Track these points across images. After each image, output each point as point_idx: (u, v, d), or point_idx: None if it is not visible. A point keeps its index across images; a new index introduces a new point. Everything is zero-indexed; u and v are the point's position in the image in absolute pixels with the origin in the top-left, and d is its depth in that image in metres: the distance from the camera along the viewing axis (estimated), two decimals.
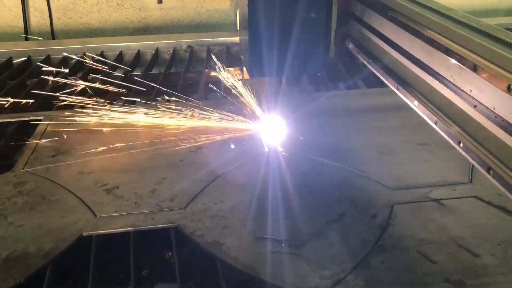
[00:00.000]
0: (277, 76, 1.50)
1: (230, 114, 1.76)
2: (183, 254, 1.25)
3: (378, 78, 1.59)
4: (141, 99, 1.90)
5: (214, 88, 1.95)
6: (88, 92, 1.97)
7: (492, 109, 0.94)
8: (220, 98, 1.98)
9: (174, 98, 1.83)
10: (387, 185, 1.49)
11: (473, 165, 1.58)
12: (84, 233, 1.29)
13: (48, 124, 1.84)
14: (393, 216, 1.36)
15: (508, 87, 0.86)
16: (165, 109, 1.77)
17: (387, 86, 1.52)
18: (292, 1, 1.39)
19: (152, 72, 2.44)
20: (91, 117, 1.77)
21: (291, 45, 1.43)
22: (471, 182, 1.51)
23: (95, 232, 1.30)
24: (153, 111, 1.79)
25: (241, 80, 1.99)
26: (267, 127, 1.70)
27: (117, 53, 2.55)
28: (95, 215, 1.36)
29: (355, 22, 1.75)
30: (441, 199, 1.43)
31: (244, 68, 2.20)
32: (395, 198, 1.43)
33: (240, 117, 1.75)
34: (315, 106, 2.00)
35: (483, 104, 0.97)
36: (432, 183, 1.50)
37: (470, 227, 1.32)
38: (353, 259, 1.20)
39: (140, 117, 1.77)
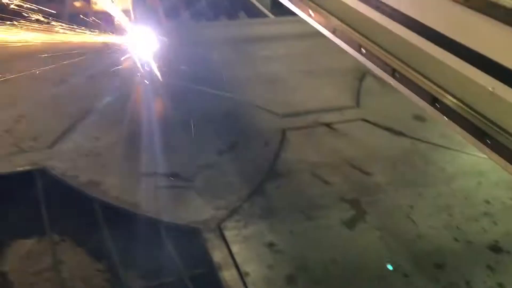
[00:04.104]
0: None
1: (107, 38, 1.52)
2: (53, 199, 1.06)
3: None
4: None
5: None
6: None
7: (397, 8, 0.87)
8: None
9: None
10: (277, 112, 1.43)
11: (359, 90, 1.59)
12: None
13: None
14: (285, 142, 1.31)
15: None
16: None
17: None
18: None
19: None
20: None
21: None
22: (358, 106, 1.51)
23: None
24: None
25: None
26: (148, 56, 1.50)
27: None
28: None
29: None
30: (331, 123, 1.40)
31: None
32: (285, 124, 1.38)
33: (119, 45, 1.52)
34: (200, 36, 1.85)
35: (387, 4, 0.89)
36: (321, 108, 1.47)
37: (361, 148, 1.32)
38: (248, 187, 1.12)
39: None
